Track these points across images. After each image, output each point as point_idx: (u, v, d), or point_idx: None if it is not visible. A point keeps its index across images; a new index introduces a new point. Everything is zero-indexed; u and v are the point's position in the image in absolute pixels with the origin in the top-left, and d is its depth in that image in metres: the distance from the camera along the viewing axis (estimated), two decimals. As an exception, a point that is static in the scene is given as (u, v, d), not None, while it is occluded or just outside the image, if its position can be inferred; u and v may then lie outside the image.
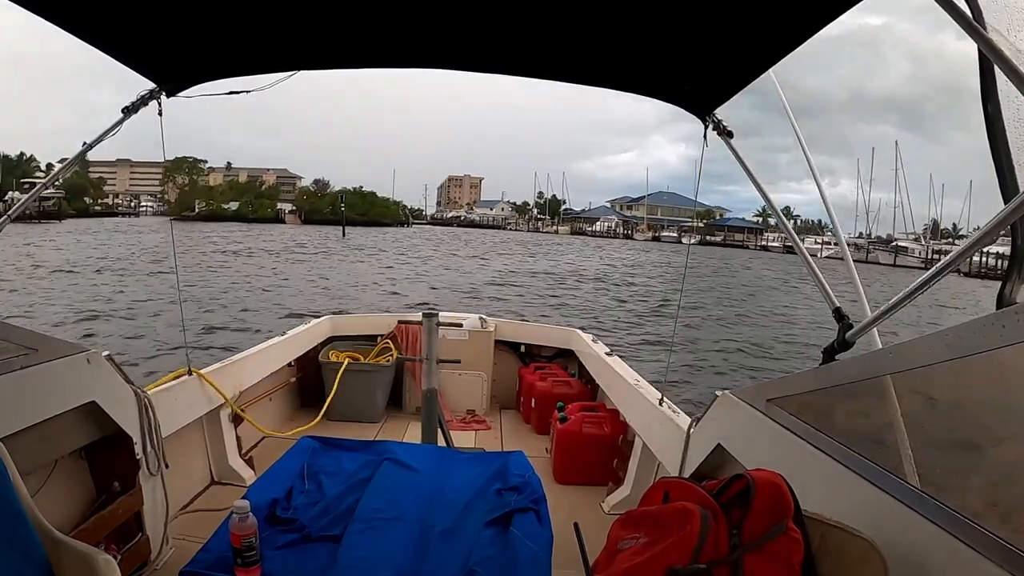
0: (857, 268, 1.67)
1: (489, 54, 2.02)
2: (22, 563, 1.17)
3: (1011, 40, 0.90)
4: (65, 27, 1.56)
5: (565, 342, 4.42)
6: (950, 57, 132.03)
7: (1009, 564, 0.86)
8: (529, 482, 1.93)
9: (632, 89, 2.10)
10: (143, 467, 2.05)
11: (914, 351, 1.10)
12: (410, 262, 27.75)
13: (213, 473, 2.86)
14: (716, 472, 1.84)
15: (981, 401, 1.14)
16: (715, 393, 1.94)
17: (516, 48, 1.91)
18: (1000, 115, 1.03)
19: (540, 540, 1.64)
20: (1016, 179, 1.01)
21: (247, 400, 3.19)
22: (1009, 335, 0.89)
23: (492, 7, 1.59)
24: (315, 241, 38.88)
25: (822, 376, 1.42)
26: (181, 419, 2.46)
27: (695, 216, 66.41)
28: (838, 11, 1.30)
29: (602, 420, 3.20)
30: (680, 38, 1.67)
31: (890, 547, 1.01)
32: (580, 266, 30.30)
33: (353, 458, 2.14)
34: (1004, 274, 1.05)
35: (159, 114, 2.07)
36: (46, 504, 1.43)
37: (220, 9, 1.63)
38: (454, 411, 4.12)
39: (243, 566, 1.46)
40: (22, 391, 1.57)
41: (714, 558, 1.03)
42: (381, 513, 1.73)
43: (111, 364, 1.94)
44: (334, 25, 1.73)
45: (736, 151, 1.99)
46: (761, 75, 1.74)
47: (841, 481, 1.24)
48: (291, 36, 1.83)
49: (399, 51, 1.98)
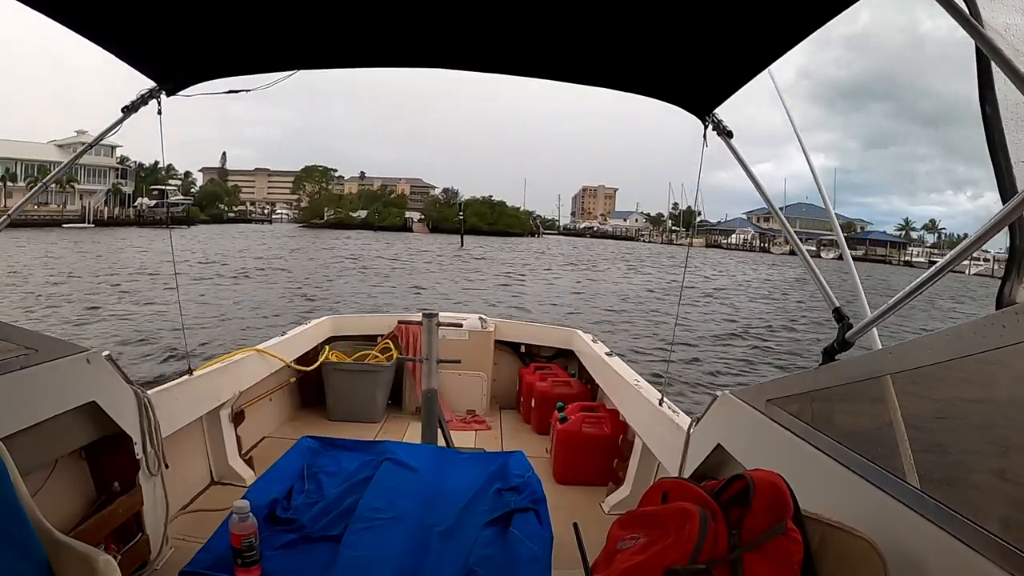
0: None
1: (489, 53, 2.02)
2: (22, 563, 1.17)
3: (1008, 39, 0.90)
4: (67, 24, 1.57)
5: (565, 342, 4.42)
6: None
7: (1009, 564, 0.86)
8: (529, 482, 1.94)
9: (633, 89, 2.10)
10: (143, 467, 2.05)
11: (914, 351, 1.10)
12: (525, 275, 26.18)
13: (213, 473, 2.86)
14: (716, 472, 1.84)
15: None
16: (715, 393, 1.94)
17: (516, 47, 1.91)
18: (998, 113, 1.03)
19: (540, 540, 1.64)
20: (1014, 177, 1.01)
21: (247, 400, 3.19)
22: (1009, 335, 0.89)
23: (492, 6, 1.59)
24: (435, 250, 39.39)
25: (822, 376, 1.41)
26: (181, 419, 2.46)
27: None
28: (837, 9, 1.30)
29: (602, 420, 3.19)
30: (680, 37, 1.67)
31: (890, 547, 1.01)
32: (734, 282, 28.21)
33: (353, 458, 2.15)
34: (1003, 274, 1.05)
35: (158, 113, 2.07)
36: (46, 504, 1.43)
37: (221, 8, 1.63)
38: (454, 411, 4.12)
39: (243, 566, 1.46)
40: (22, 391, 1.57)
41: (713, 558, 1.03)
42: (381, 513, 1.73)
43: (111, 364, 1.95)
44: (335, 24, 1.73)
45: (736, 151, 1.98)
46: (759, 74, 1.74)
47: (841, 481, 1.23)
48: (291, 35, 1.83)
49: (400, 50, 1.98)
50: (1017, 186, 1.00)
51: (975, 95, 1.05)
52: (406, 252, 37.19)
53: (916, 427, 1.14)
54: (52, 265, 20.80)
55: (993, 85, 1.03)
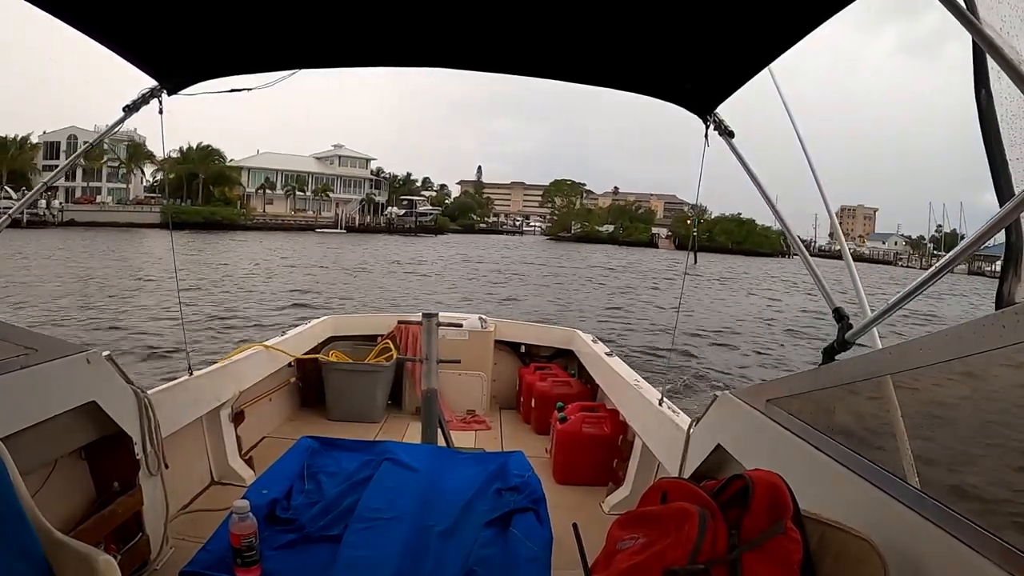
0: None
1: (490, 53, 2.02)
2: (22, 563, 1.17)
3: (1005, 36, 0.90)
4: (69, 21, 1.57)
5: (565, 342, 4.42)
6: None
7: (1009, 564, 0.86)
8: (529, 482, 1.93)
9: (634, 88, 2.10)
10: (143, 467, 2.05)
11: (914, 351, 1.10)
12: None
13: (213, 473, 2.86)
14: (716, 472, 1.83)
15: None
16: (715, 393, 1.94)
17: (517, 47, 1.91)
18: (994, 111, 1.02)
19: (540, 540, 1.64)
20: (1011, 176, 1.01)
21: (247, 400, 3.19)
22: (1009, 335, 0.89)
23: (493, 6, 1.59)
24: (677, 266, 38.82)
25: (822, 376, 1.41)
26: (181, 419, 2.46)
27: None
28: (836, 7, 1.30)
29: (602, 420, 3.19)
30: (681, 36, 1.67)
31: (889, 547, 1.01)
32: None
33: (353, 458, 2.15)
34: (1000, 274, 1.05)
35: (160, 112, 2.07)
36: (46, 504, 1.43)
37: (222, 8, 1.63)
38: (454, 411, 4.12)
39: (243, 566, 1.46)
40: (22, 391, 1.57)
41: (712, 558, 1.02)
42: (381, 513, 1.73)
43: (111, 364, 1.95)
44: (336, 24, 1.73)
45: (737, 151, 1.98)
46: (760, 72, 1.74)
47: (840, 481, 1.23)
48: (292, 35, 1.83)
49: (401, 50, 1.98)
50: (1014, 184, 1.00)
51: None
52: (644, 269, 36.44)
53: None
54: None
55: (989, 82, 1.02)
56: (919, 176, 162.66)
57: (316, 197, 63.88)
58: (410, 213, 67.14)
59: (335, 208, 63.26)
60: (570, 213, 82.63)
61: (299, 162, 64.88)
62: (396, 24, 1.76)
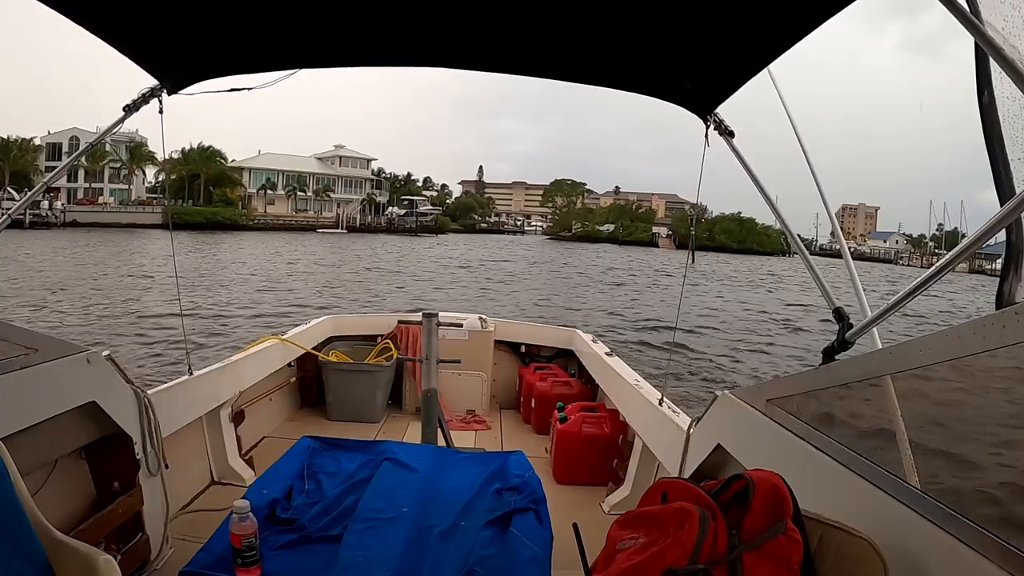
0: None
1: (490, 53, 2.02)
2: (22, 563, 1.17)
3: (1007, 37, 0.90)
4: (70, 15, 1.57)
5: (565, 342, 4.42)
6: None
7: (1009, 564, 0.86)
8: (529, 482, 1.93)
9: (634, 88, 2.10)
10: (143, 467, 2.05)
11: (914, 351, 1.10)
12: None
13: (213, 473, 2.86)
14: (716, 472, 1.83)
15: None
16: (715, 393, 1.94)
17: (517, 47, 1.91)
18: (996, 112, 1.02)
19: (540, 540, 1.64)
20: (1011, 176, 1.01)
21: (247, 400, 3.19)
22: (1009, 335, 0.89)
23: (494, 6, 1.59)
24: (673, 266, 38.63)
25: (822, 376, 1.41)
26: (181, 419, 2.46)
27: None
28: (836, 7, 1.30)
29: (602, 420, 3.19)
30: (681, 36, 1.67)
31: (889, 547, 1.01)
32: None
33: (353, 458, 2.14)
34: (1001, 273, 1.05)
35: (160, 112, 2.07)
36: (46, 504, 1.43)
37: (223, 7, 1.63)
38: (454, 411, 4.12)
39: (243, 566, 1.46)
40: (22, 391, 1.57)
41: (712, 558, 1.02)
42: (381, 513, 1.73)
43: (111, 364, 1.95)
44: (336, 23, 1.73)
45: (737, 151, 1.98)
46: (760, 72, 1.74)
47: (840, 481, 1.23)
48: (293, 35, 1.83)
49: (401, 50, 1.98)
50: (1015, 184, 1.00)
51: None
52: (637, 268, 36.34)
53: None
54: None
55: (991, 82, 1.02)
56: (921, 174, 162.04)
57: (317, 197, 64.33)
58: (411, 213, 67.25)
59: (336, 208, 63.68)
60: (571, 212, 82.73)
61: (300, 162, 65.16)
62: (396, 24, 1.76)
